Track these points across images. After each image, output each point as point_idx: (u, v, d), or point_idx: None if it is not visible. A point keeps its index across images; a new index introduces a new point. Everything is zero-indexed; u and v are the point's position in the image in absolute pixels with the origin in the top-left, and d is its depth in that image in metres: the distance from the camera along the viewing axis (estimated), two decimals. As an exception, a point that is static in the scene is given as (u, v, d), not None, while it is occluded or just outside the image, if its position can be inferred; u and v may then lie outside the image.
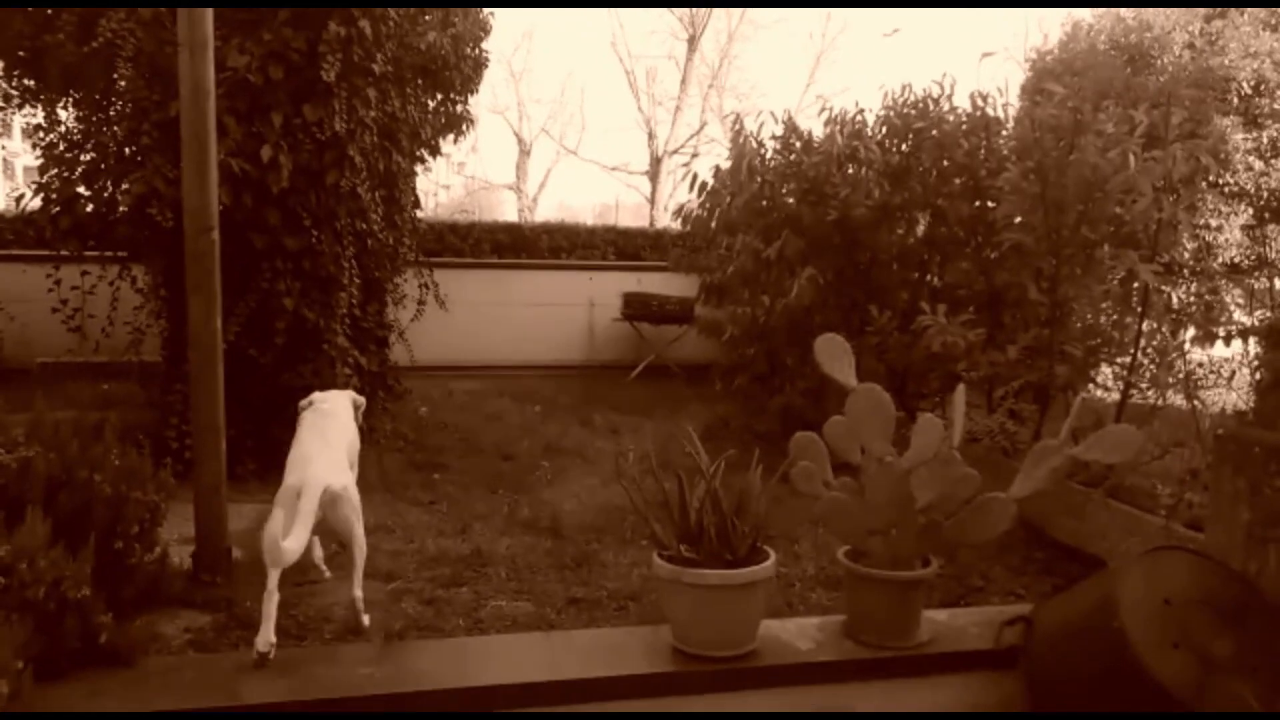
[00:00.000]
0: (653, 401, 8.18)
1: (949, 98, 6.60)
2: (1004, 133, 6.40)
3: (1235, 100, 7.81)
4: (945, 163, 6.41)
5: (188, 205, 3.77)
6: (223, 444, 3.84)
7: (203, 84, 3.73)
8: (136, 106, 5.05)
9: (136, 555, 3.38)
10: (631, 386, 9.12)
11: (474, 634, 3.47)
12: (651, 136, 23.31)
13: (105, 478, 3.28)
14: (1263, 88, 7.74)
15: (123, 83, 5.08)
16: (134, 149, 5.11)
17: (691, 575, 3.08)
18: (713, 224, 7.42)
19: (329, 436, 3.71)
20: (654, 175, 23.09)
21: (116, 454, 3.42)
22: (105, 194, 5.26)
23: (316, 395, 4.00)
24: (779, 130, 7.06)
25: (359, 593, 3.43)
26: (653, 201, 22.60)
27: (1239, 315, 5.29)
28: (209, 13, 3.73)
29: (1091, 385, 5.44)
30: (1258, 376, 3.42)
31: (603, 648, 3.32)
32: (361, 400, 4.19)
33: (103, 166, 5.24)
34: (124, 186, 5.08)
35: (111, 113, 5.30)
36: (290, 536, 3.14)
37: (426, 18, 6.28)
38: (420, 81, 6.31)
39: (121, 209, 5.12)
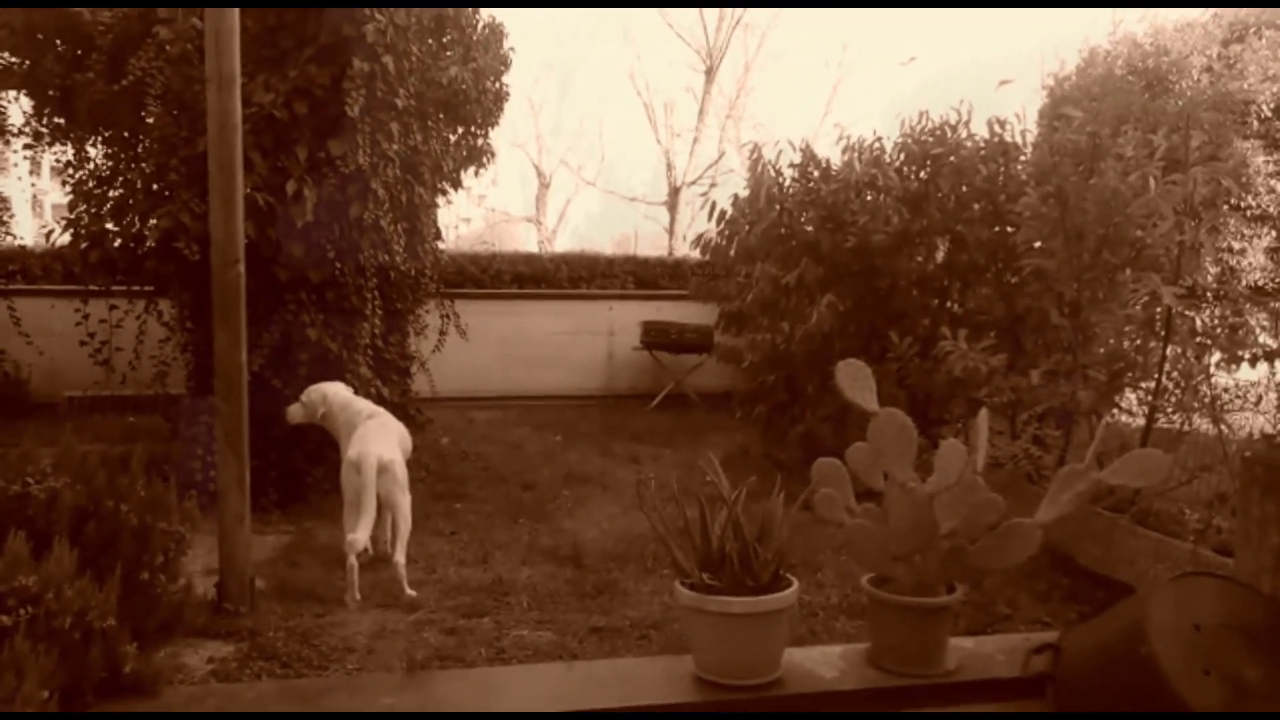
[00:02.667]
0: (673, 430, 8.17)
1: (966, 124, 6.62)
2: (1022, 158, 6.40)
3: (1255, 123, 7.79)
4: (964, 188, 6.42)
5: (214, 239, 3.83)
6: (246, 475, 3.87)
7: (230, 119, 3.80)
8: (164, 143, 5.15)
9: (161, 585, 3.38)
10: (651, 415, 9.12)
11: (496, 664, 3.47)
12: (670, 167, 23.46)
13: (131, 508, 3.30)
14: (1283, 110, 7.72)
15: (151, 120, 5.19)
16: (161, 184, 5.21)
17: (714, 603, 3.06)
18: (731, 252, 7.45)
19: (386, 426, 4.42)
20: (672, 205, 23.21)
21: (142, 485, 3.44)
22: (133, 229, 5.35)
23: (379, 409, 4.62)
24: (797, 159, 7.10)
25: (401, 558, 4.01)
26: (671, 231, 22.69)
27: (1264, 338, 5.23)
28: (236, 49, 3.81)
29: (1116, 410, 5.39)
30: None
31: (624, 677, 3.30)
32: (409, 443, 4.68)
33: (130, 202, 5.33)
34: (151, 221, 5.17)
35: (140, 149, 5.41)
36: (359, 528, 3.93)
37: (449, 53, 6.38)
38: (442, 115, 6.39)
39: (149, 244, 5.21)
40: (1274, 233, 7.63)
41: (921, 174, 6.62)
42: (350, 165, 5.23)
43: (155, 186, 5.26)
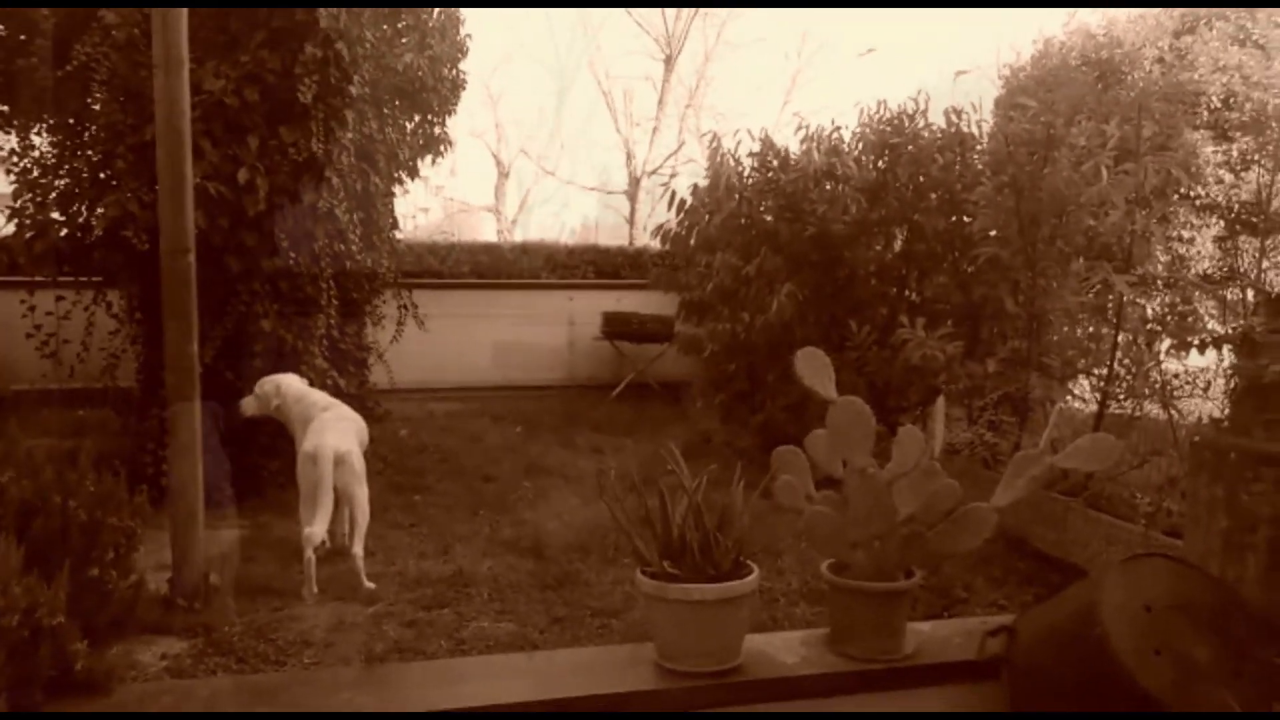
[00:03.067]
0: (634, 420, 8.17)
1: (924, 114, 6.67)
2: (979, 148, 6.46)
3: (1205, 114, 7.93)
4: (921, 178, 6.47)
5: (163, 228, 3.75)
6: (199, 469, 3.80)
7: (178, 106, 3.72)
8: (111, 130, 5.02)
9: (112, 582, 3.32)
10: (612, 405, 9.11)
11: (456, 655, 3.44)
12: (630, 157, 23.40)
13: (80, 504, 3.23)
14: (1232, 101, 7.86)
15: (97, 106, 5.06)
16: (108, 173, 5.08)
17: (675, 590, 3.07)
18: (691, 242, 7.44)
19: (342, 418, 4.39)
20: (632, 195, 23.16)
21: (91, 480, 3.37)
22: (80, 219, 5.21)
23: (334, 401, 4.58)
24: (756, 148, 7.11)
25: (359, 551, 4.00)
26: (631, 221, 22.65)
27: (1213, 325, 5.33)
28: (183, 34, 3.72)
29: (1069, 396, 5.48)
30: (1232, 384, 3.46)
31: (586, 666, 3.30)
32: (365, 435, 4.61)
33: (77, 191, 5.20)
34: (98, 210, 5.04)
35: (86, 137, 5.27)
36: (315, 522, 3.90)
37: (404, 40, 6.30)
38: (398, 103, 6.31)
39: (96, 233, 5.08)
40: (1222, 222, 7.78)
41: (880, 163, 6.66)
42: (304, 153, 5.14)
43: (102, 175, 5.13)
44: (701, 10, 22.22)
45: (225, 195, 4.98)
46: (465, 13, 6.89)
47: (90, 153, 5.14)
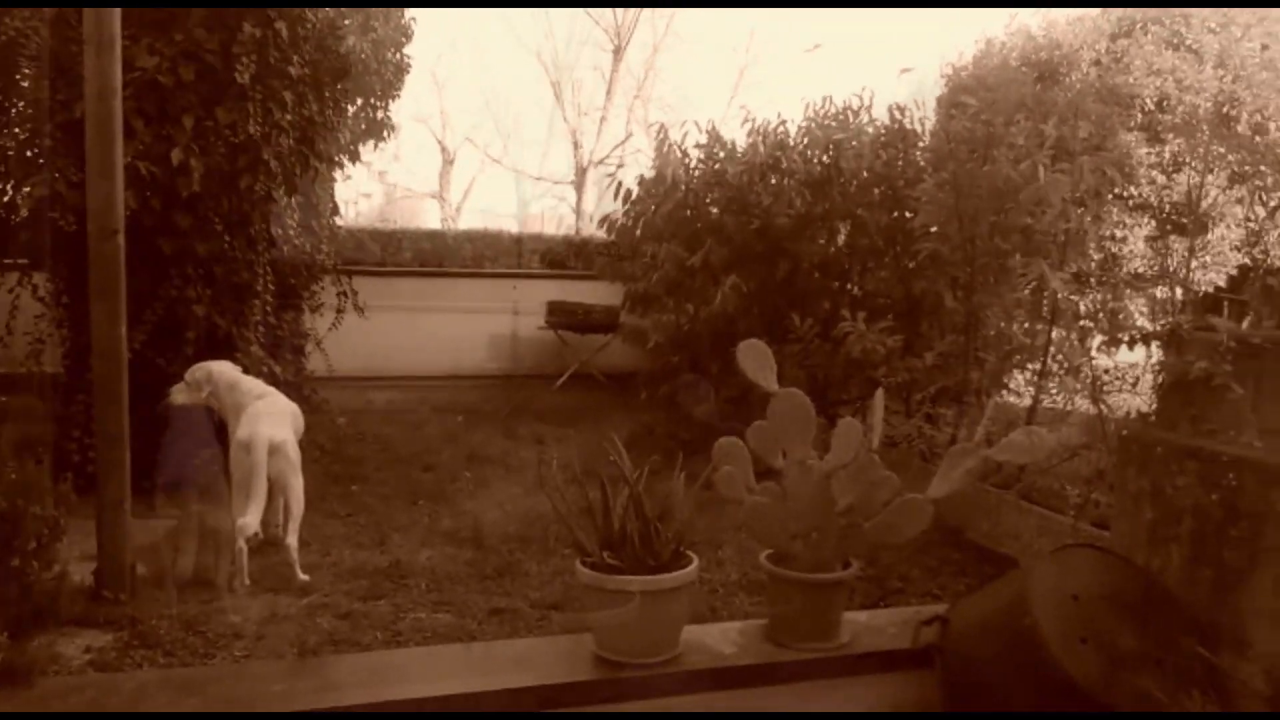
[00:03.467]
0: (577, 410, 8.14)
1: (868, 110, 6.74)
2: (921, 145, 6.55)
3: (1139, 116, 8.11)
4: (865, 173, 6.54)
5: (92, 209, 3.63)
6: (127, 456, 3.69)
7: (109, 83, 3.60)
8: (39, 107, 4.85)
9: (34, 573, 3.23)
10: (556, 395, 9.07)
11: (392, 647, 3.40)
12: (577, 146, 23.30)
13: (0, 492, 3.13)
14: (1165, 104, 8.06)
15: (25, 83, 4.88)
16: (36, 151, 4.91)
17: (613, 582, 3.06)
18: (638, 232, 7.43)
19: (277, 405, 4.29)
20: (579, 185, 23.08)
21: (13, 468, 3.27)
22: (4, 198, 5.04)
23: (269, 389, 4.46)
24: (703, 140, 7.12)
25: (293, 541, 3.91)
26: (578, 211, 22.58)
27: (1143, 322, 5.48)
28: (116, 11, 3.60)
29: (1005, 390, 5.58)
30: (1159, 380, 3.55)
31: (524, 658, 3.28)
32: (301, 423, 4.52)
33: (2, 170, 5.02)
34: (25, 190, 4.87)
35: (13, 114, 5.09)
36: (249, 512, 3.78)
37: (346, 21, 6.18)
38: (340, 86, 6.19)
39: (22, 213, 4.91)
40: (1154, 222, 7.97)
41: (824, 158, 6.71)
42: (240, 134, 5.02)
43: (29, 153, 4.95)
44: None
45: (158, 176, 4.84)
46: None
47: (17, 130, 4.96)
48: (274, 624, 3.52)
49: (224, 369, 4.52)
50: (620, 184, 7.50)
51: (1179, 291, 6.99)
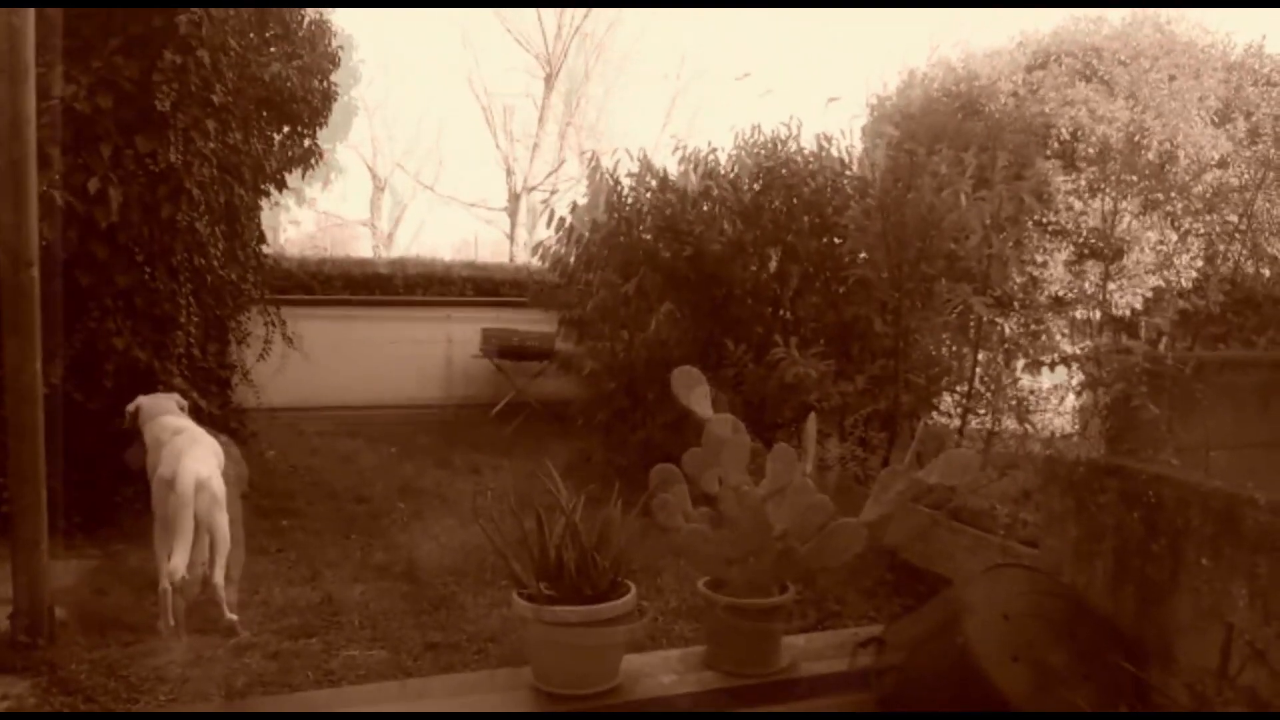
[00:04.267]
0: (513, 439, 8.09)
1: (796, 139, 6.86)
2: (848, 173, 6.68)
3: (1055, 145, 8.40)
4: (794, 200, 6.64)
5: (4, 240, 3.51)
6: (43, 495, 3.55)
7: (23, 112, 3.50)
8: (-54, 135, 4.68)
9: (-57, 620, 3.08)
10: (491, 424, 9.00)
11: (325, 687, 3.31)
12: (510, 173, 23.28)
13: (-96, 536, 2.99)
14: (1079, 133, 8.36)
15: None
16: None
17: (550, 613, 3.03)
18: (571, 260, 7.44)
19: (198, 441, 4.07)
20: (513, 212, 23.05)
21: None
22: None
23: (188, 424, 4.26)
24: (635, 168, 7.17)
25: (219, 579, 3.72)
26: (512, 238, 22.52)
27: (1064, 345, 5.65)
28: (30, 38, 3.51)
29: (934, 412, 5.69)
30: (1080, 401, 3.66)
31: (461, 692, 3.22)
32: (182, 401, 4.45)
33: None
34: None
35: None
36: (176, 553, 3.59)
37: (271, 49, 6.10)
38: (265, 114, 6.10)
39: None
40: (1071, 247, 8.24)
41: (755, 186, 6.80)
42: (161, 163, 4.91)
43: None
44: (580, 30, 22.36)
45: (74, 206, 4.70)
46: (338, 24, 6.74)
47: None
48: (200, 666, 3.41)
49: (152, 402, 4.35)
50: (553, 211, 7.51)
51: (1097, 313, 7.23)
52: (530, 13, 21.85)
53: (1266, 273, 8.30)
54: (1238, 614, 2.55)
